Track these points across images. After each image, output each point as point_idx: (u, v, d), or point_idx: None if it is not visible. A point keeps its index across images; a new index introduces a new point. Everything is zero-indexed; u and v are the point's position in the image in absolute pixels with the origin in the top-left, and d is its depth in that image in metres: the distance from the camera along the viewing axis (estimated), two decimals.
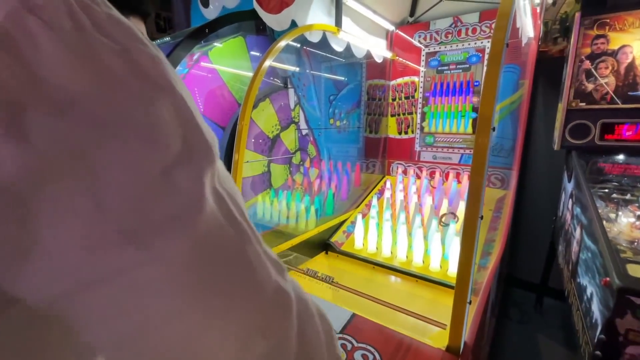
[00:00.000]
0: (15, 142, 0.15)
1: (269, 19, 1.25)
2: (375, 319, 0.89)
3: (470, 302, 0.70)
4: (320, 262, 1.69)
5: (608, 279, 0.80)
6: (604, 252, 0.89)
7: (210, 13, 1.79)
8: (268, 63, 1.28)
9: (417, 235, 1.62)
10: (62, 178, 0.16)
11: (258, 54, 1.77)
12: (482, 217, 0.70)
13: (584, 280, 1.04)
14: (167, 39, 1.67)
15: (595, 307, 0.88)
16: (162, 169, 0.18)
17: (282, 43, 1.31)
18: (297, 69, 1.92)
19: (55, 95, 0.16)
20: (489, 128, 0.66)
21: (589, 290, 0.97)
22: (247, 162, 1.30)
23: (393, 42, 2.25)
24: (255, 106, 1.31)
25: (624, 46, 1.40)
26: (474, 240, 0.69)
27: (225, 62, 1.58)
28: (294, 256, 1.46)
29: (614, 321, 0.77)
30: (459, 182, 2.02)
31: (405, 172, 2.32)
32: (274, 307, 0.22)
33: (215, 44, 1.57)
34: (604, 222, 1.05)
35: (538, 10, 1.61)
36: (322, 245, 1.79)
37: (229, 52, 1.60)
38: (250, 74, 1.75)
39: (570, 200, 1.45)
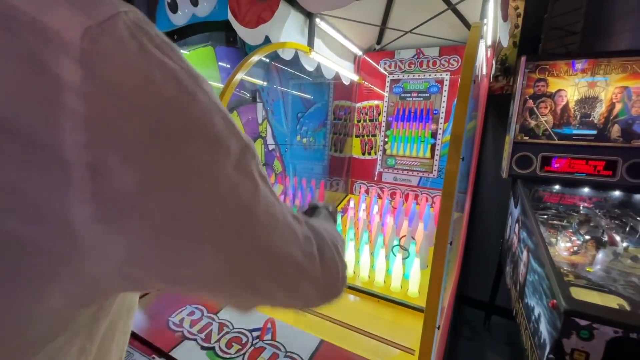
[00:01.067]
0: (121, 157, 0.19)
1: (243, 32, 1.23)
2: (343, 345, 0.87)
3: (439, 327, 0.71)
4: None
5: (555, 301, 0.87)
6: (550, 275, 0.97)
7: (178, 19, 1.72)
8: (240, 76, 1.25)
9: (379, 255, 1.64)
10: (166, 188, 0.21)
11: (227, 65, 1.73)
12: (451, 243, 0.73)
13: (531, 301, 1.13)
14: None
15: (544, 328, 0.95)
16: (232, 166, 0.24)
17: (255, 58, 1.29)
18: (267, 83, 1.90)
19: (126, 108, 0.19)
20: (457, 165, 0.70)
21: (536, 311, 1.04)
22: None
23: (360, 66, 2.34)
24: None
25: (559, 90, 1.59)
26: (443, 267, 0.71)
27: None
28: None
29: (561, 341, 0.83)
30: (417, 203, 2.12)
31: (367, 192, 2.38)
32: (306, 241, 0.33)
33: (182, 50, 1.50)
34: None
35: (489, 54, 1.79)
36: None
37: (198, 60, 1.54)
38: (219, 85, 1.70)
39: (517, 224, 1.58)
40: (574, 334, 0.81)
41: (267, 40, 1.41)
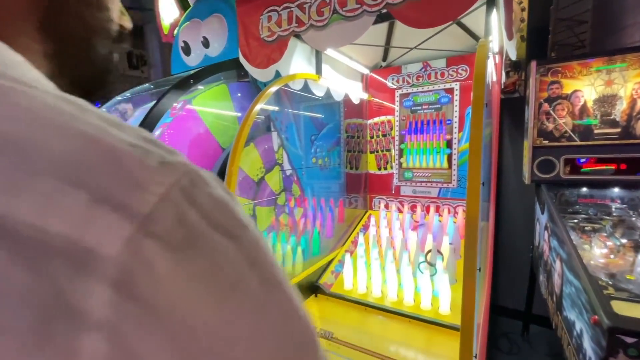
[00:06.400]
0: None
1: (255, 72, 1.29)
2: None
3: (476, 356, 0.70)
4: (311, 306, 1.64)
5: (597, 317, 0.84)
6: (587, 289, 0.94)
7: (192, 61, 1.83)
8: (258, 107, 1.29)
9: (406, 273, 1.63)
10: None
11: (239, 94, 1.80)
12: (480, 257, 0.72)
13: (571, 314, 1.08)
14: (149, 85, 1.67)
15: (587, 345, 0.91)
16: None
17: (270, 90, 1.34)
18: (280, 111, 1.96)
19: (173, 327, 0.16)
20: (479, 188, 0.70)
21: (578, 326, 1.00)
22: None
23: (368, 84, 2.38)
24: None
25: (575, 91, 1.56)
26: (475, 282, 0.71)
27: (209, 108, 1.59)
28: None
29: None
30: (440, 215, 2.09)
31: (387, 207, 2.37)
32: None
33: (199, 86, 1.58)
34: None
35: (497, 60, 1.78)
36: (311, 287, 1.74)
37: (213, 99, 1.62)
38: (235, 113, 1.77)
39: (546, 232, 1.53)
40: (621, 352, 0.77)
41: (277, 74, 1.47)
